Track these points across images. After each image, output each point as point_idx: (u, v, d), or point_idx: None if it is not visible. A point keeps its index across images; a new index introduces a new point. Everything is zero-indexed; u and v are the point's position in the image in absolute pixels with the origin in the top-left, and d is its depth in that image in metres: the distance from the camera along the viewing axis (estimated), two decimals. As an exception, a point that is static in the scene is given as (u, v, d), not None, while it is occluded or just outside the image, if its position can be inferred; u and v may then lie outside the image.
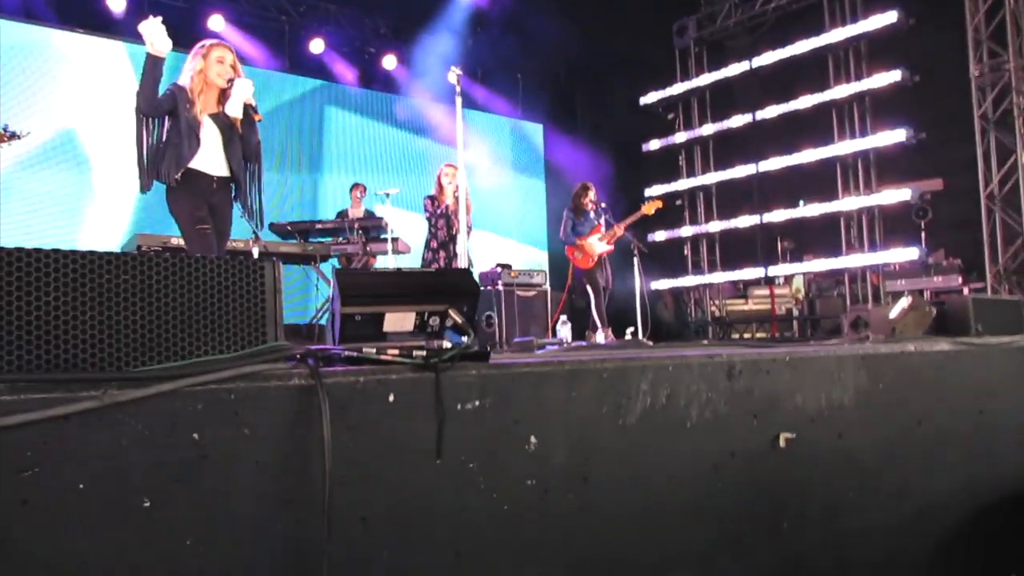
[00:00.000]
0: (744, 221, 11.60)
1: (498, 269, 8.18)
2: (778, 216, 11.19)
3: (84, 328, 1.50)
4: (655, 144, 12.63)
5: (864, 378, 2.83)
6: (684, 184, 12.35)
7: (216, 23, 10.33)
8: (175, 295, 1.61)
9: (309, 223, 7.72)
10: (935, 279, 9.44)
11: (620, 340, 6.96)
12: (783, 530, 2.51)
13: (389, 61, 12.42)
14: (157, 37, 3.85)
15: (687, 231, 12.28)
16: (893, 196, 10.06)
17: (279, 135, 10.71)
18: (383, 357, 1.77)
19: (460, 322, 2.11)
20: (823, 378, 2.70)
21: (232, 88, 4.13)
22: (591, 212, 8.04)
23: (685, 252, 12.37)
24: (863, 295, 10.34)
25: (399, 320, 2.12)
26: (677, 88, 12.40)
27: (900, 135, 9.83)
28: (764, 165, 11.24)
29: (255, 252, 6.34)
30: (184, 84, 4.09)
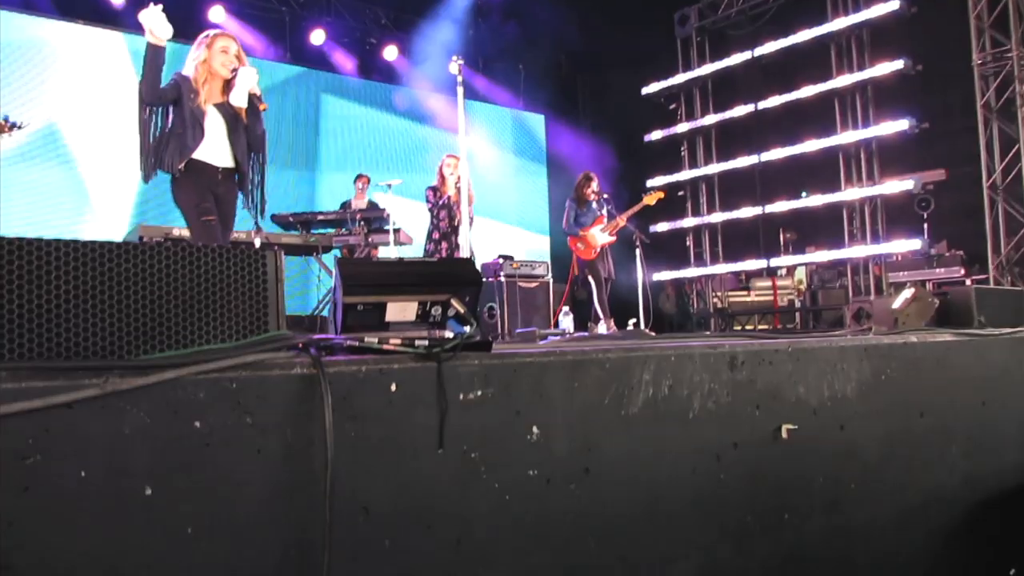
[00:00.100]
0: (746, 212, 11.58)
1: (500, 260, 8.18)
2: (780, 207, 11.17)
3: (86, 316, 1.50)
4: (657, 134, 12.60)
5: (866, 369, 2.83)
6: (686, 175, 12.32)
7: (217, 14, 10.30)
8: (177, 284, 1.60)
9: (311, 214, 7.71)
10: (937, 270, 9.44)
11: (622, 331, 6.95)
12: (785, 521, 2.51)
13: (390, 51, 12.40)
14: (157, 25, 3.83)
15: (689, 222, 12.25)
16: (896, 186, 10.04)
17: (278, 126, 10.68)
18: (385, 347, 1.76)
19: (462, 312, 2.11)
20: (825, 369, 2.70)
21: (236, 78, 4.12)
22: (593, 203, 8.03)
23: (687, 243, 12.36)
24: (865, 286, 10.32)
25: (401, 310, 2.12)
26: (679, 78, 12.36)
27: (903, 125, 9.80)
28: (766, 155, 11.21)
29: (257, 243, 6.33)
30: (188, 74, 4.08)
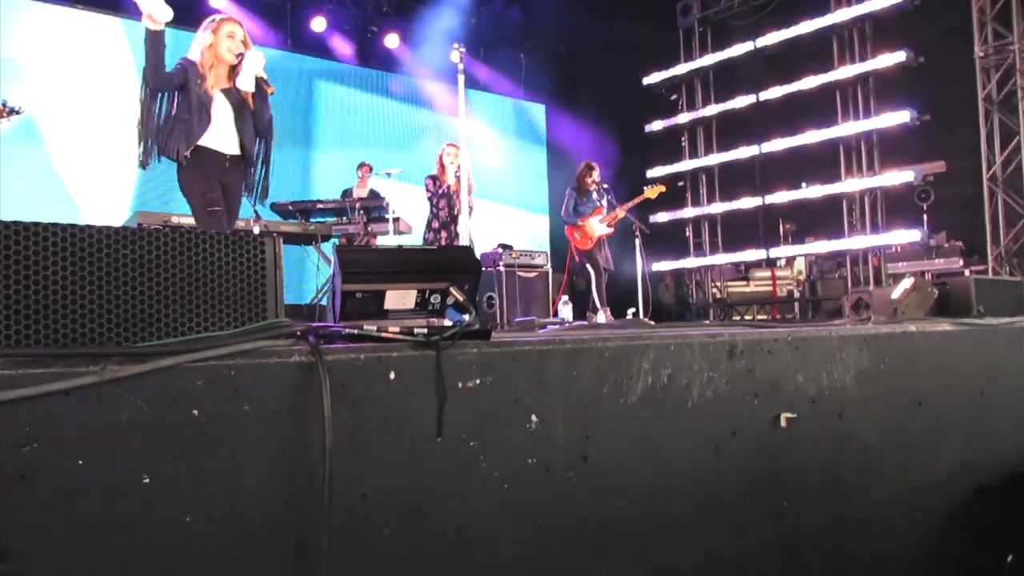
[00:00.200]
0: (746, 203, 11.57)
1: (499, 250, 8.18)
2: (780, 198, 11.15)
3: (83, 303, 1.49)
4: (658, 125, 12.57)
5: (865, 358, 2.83)
6: (686, 165, 12.30)
7: (218, 0, 10.27)
8: (175, 271, 1.60)
9: (310, 203, 7.70)
10: (937, 261, 9.45)
11: (621, 320, 6.95)
12: (783, 508, 2.51)
13: (391, 39, 12.36)
14: (154, 8, 3.76)
15: (689, 212, 12.24)
16: (896, 178, 10.03)
17: (277, 113, 10.60)
18: (384, 335, 1.76)
19: (461, 300, 2.10)
20: (824, 358, 2.70)
21: (243, 62, 4.09)
22: (594, 192, 8.02)
23: (687, 233, 12.35)
24: (865, 277, 10.32)
25: (400, 298, 2.12)
26: (680, 68, 12.32)
27: (904, 116, 9.78)
28: (767, 146, 11.18)
29: (256, 230, 6.32)
30: (194, 59, 4.02)
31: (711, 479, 2.33)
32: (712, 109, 12.02)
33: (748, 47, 11.43)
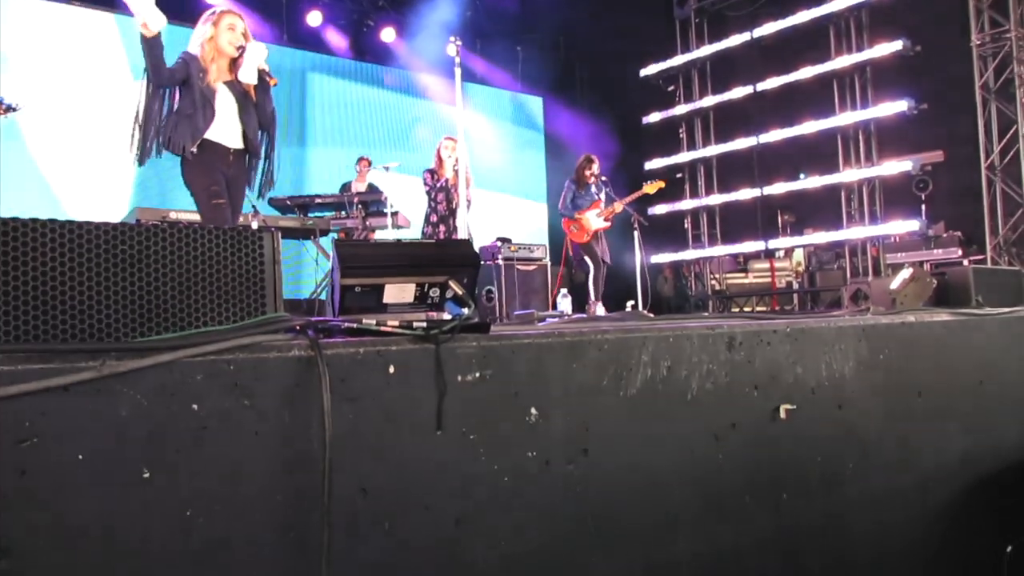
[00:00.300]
0: (744, 194, 11.55)
1: (498, 243, 8.17)
2: (778, 189, 11.14)
3: (82, 299, 1.49)
4: (655, 116, 12.54)
5: (864, 349, 2.83)
6: (684, 157, 12.28)
7: (213, -6, 10.25)
8: (173, 265, 1.60)
9: (308, 197, 7.69)
10: (935, 251, 9.45)
11: (620, 312, 6.95)
12: (783, 501, 2.51)
13: (387, 33, 12.32)
14: (148, 16, 3.71)
15: (687, 204, 12.23)
16: (894, 168, 10.02)
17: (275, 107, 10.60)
18: (383, 329, 1.76)
19: (460, 293, 2.10)
20: (823, 349, 2.70)
21: (245, 54, 4.06)
22: (592, 186, 8.02)
23: (685, 225, 12.33)
24: (863, 268, 10.32)
25: (399, 292, 2.11)
26: (677, 60, 12.29)
27: (901, 106, 9.76)
28: (765, 137, 11.16)
29: (254, 225, 6.32)
30: (195, 53, 3.98)
31: (711, 471, 2.33)
32: (709, 100, 11.99)
33: (745, 38, 11.40)
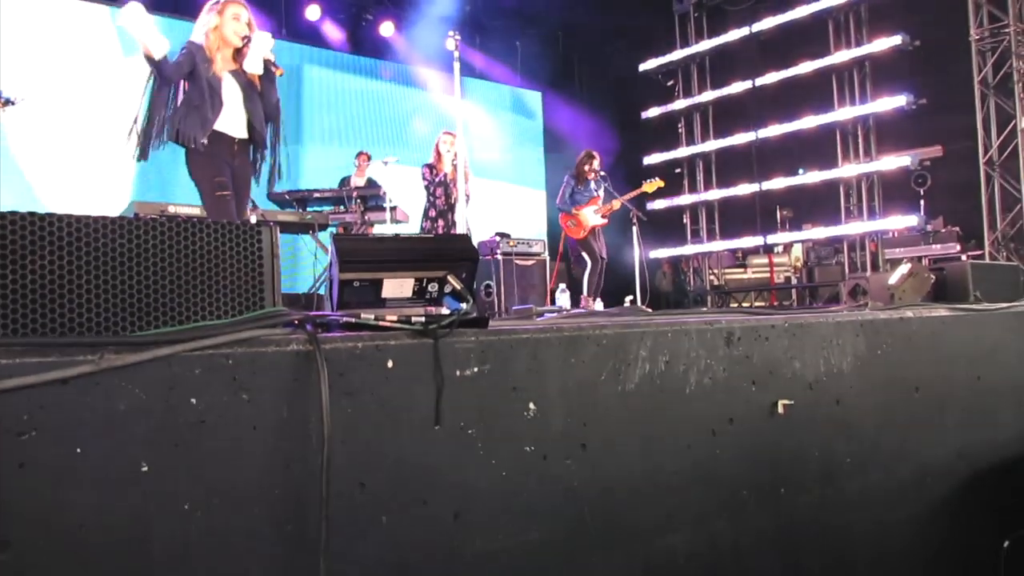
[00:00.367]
0: (743, 189, 11.56)
1: (497, 238, 8.17)
2: (777, 184, 11.15)
3: (81, 292, 1.49)
4: (654, 111, 12.55)
5: (862, 344, 2.83)
6: (683, 152, 12.28)
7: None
8: (172, 259, 1.59)
9: (307, 192, 7.67)
10: (934, 246, 9.45)
11: (618, 307, 6.95)
12: (781, 495, 2.52)
13: (386, 27, 12.29)
14: (150, 40, 3.66)
15: (686, 199, 12.23)
16: (893, 163, 10.03)
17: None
18: (381, 323, 1.76)
19: (459, 288, 2.10)
20: (821, 344, 2.70)
21: (250, 44, 4.04)
22: (592, 182, 8.02)
23: (684, 221, 12.34)
24: (862, 263, 10.33)
25: (398, 286, 2.11)
26: (676, 54, 12.29)
27: (900, 101, 9.77)
28: (763, 132, 11.17)
29: (253, 219, 6.31)
30: (200, 42, 3.95)
31: (709, 466, 2.33)
32: (708, 95, 11.99)
33: (744, 32, 11.40)
